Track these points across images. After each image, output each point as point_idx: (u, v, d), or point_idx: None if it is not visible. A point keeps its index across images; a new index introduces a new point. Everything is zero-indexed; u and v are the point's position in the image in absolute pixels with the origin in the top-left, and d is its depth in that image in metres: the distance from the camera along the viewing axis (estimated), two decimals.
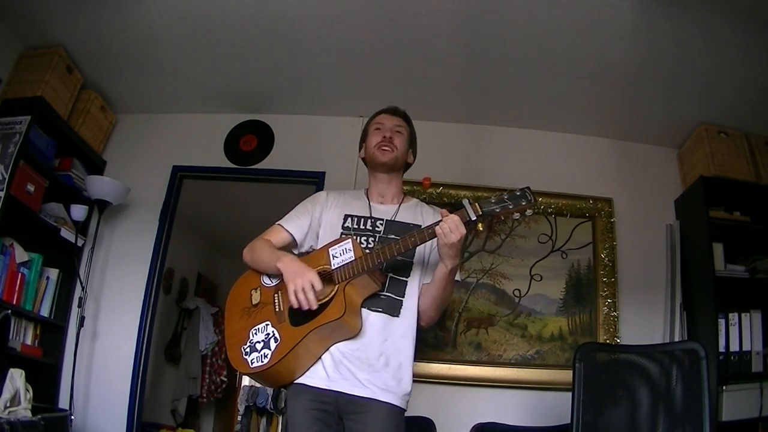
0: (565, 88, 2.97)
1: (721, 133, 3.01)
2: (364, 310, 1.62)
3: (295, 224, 1.81)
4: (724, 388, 2.50)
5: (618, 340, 2.87)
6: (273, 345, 1.58)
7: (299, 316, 1.58)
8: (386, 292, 1.66)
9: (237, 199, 4.66)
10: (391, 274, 1.68)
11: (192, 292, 5.63)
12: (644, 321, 2.92)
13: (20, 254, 2.68)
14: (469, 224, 1.52)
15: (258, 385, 7.29)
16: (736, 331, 2.64)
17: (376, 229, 1.75)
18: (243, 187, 3.99)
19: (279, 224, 1.83)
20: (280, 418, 6.31)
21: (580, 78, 2.87)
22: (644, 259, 3.06)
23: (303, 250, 1.83)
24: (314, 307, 1.54)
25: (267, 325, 1.64)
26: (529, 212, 1.55)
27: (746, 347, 2.62)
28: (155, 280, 3.19)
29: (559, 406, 2.42)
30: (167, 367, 5.12)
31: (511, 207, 1.51)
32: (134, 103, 3.43)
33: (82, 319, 2.85)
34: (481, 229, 1.54)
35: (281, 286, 1.67)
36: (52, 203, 2.91)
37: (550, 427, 2.46)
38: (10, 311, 2.38)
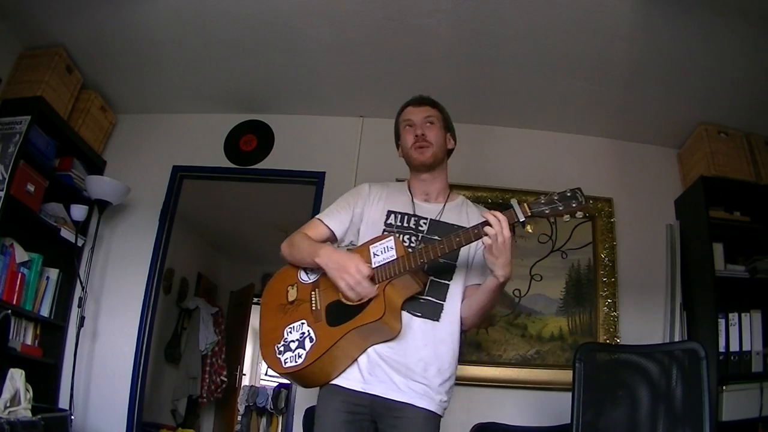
0: (565, 88, 2.97)
1: (721, 133, 3.01)
2: (404, 314, 1.56)
3: (336, 219, 1.74)
4: (724, 388, 2.50)
5: (618, 340, 2.87)
6: (308, 345, 1.53)
7: (337, 316, 1.53)
8: (426, 295, 1.60)
9: (237, 199, 4.67)
10: (432, 277, 1.62)
11: (192, 292, 5.63)
12: (644, 321, 2.92)
13: (20, 254, 2.68)
14: (515, 225, 1.46)
15: (258, 384, 7.31)
16: (736, 331, 2.64)
17: (420, 228, 1.68)
18: (243, 187, 4.00)
19: (318, 218, 1.76)
20: (280, 418, 6.31)
21: (580, 78, 2.87)
22: (644, 259, 3.06)
23: (343, 245, 1.76)
24: (374, 293, 1.48)
25: (302, 323, 1.57)
26: (579, 214, 1.48)
27: (746, 347, 2.62)
28: (155, 280, 3.19)
29: (559, 406, 2.42)
30: (167, 367, 5.12)
31: (561, 208, 1.46)
32: (134, 103, 3.43)
33: (82, 319, 2.85)
34: (531, 231, 1.49)
35: (319, 283, 1.63)
36: (52, 203, 2.91)
37: (550, 427, 2.46)
38: (10, 311, 2.38)
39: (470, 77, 2.97)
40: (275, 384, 6.99)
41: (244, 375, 6.52)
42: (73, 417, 2.65)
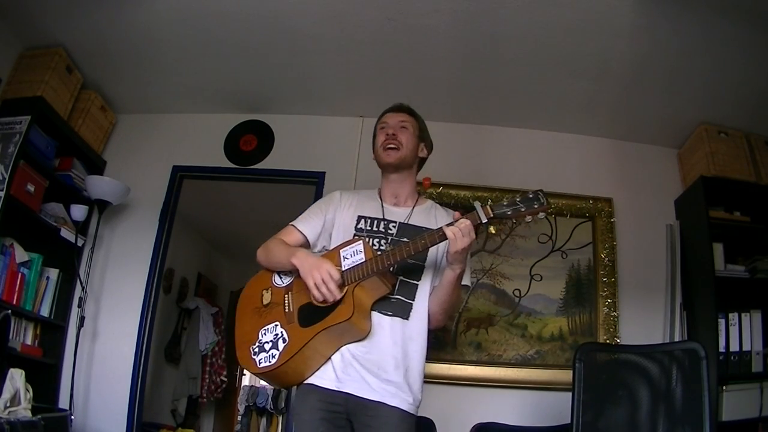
0: (565, 88, 2.97)
1: (721, 133, 3.01)
2: (375, 313, 1.61)
3: (308, 225, 1.80)
4: (724, 388, 2.51)
5: (618, 340, 2.87)
6: (281, 345, 1.58)
7: (308, 317, 1.58)
8: (396, 294, 1.65)
9: (237, 199, 4.66)
10: (401, 277, 1.67)
11: (192, 292, 5.63)
12: (644, 321, 2.92)
13: (20, 254, 2.68)
14: (479, 227, 1.52)
15: (258, 385, 7.30)
16: (736, 331, 2.65)
17: (389, 231, 1.74)
18: (243, 187, 4.00)
19: (292, 225, 1.82)
20: (280, 418, 6.31)
21: (580, 78, 2.87)
22: (644, 259, 3.06)
23: (316, 250, 1.81)
24: (338, 297, 1.54)
25: (276, 325, 1.63)
26: (541, 215, 1.53)
27: (746, 347, 2.63)
28: (155, 280, 3.19)
29: (559, 406, 2.42)
30: (167, 367, 5.12)
31: (523, 210, 1.51)
32: (134, 103, 3.43)
33: (82, 319, 2.85)
34: (494, 231, 1.54)
35: (292, 287, 1.68)
36: (52, 203, 2.91)
37: (550, 427, 2.46)
38: (10, 311, 2.38)
39: (470, 77, 2.97)
40: None
41: (244, 375, 6.52)
42: (73, 417, 2.65)
